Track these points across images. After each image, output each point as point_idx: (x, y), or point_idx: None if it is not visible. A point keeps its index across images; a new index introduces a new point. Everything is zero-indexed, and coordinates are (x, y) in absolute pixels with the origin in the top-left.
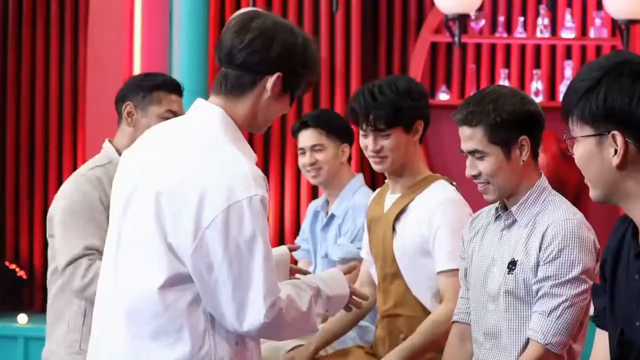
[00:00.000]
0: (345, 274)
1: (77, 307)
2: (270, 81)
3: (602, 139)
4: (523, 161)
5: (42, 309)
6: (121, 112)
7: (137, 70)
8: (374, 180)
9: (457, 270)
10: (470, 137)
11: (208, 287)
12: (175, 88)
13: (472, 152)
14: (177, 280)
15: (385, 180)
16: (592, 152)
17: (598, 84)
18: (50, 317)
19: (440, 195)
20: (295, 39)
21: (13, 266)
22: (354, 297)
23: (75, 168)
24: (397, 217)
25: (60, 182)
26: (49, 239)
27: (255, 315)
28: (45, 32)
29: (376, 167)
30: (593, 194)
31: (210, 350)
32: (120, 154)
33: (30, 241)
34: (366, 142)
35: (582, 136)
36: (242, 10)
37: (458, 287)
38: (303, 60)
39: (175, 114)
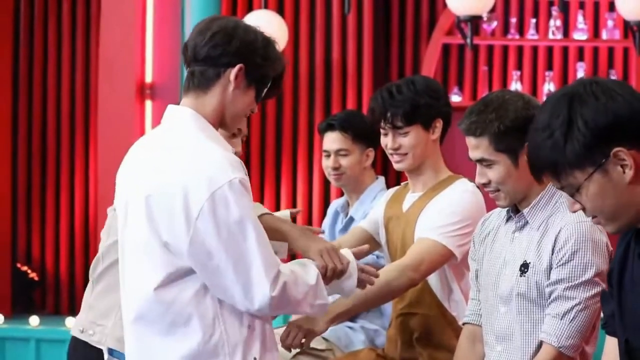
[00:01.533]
0: (356, 256)
1: None
2: (233, 72)
3: (606, 165)
4: None
5: (54, 311)
6: None
7: (148, 71)
8: (398, 184)
9: (444, 246)
10: (476, 147)
11: (212, 275)
12: None
13: (480, 161)
14: (178, 276)
15: (401, 183)
16: (603, 184)
17: (571, 120)
18: (98, 287)
19: (457, 188)
20: (255, 35)
21: (25, 268)
22: (363, 274)
23: (87, 170)
24: (419, 216)
25: (72, 184)
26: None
27: (261, 291)
28: (57, 33)
29: (396, 166)
30: (614, 227)
31: (222, 337)
32: None
33: (42, 243)
34: (386, 140)
35: (586, 179)
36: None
37: (428, 260)
38: (263, 53)
39: None
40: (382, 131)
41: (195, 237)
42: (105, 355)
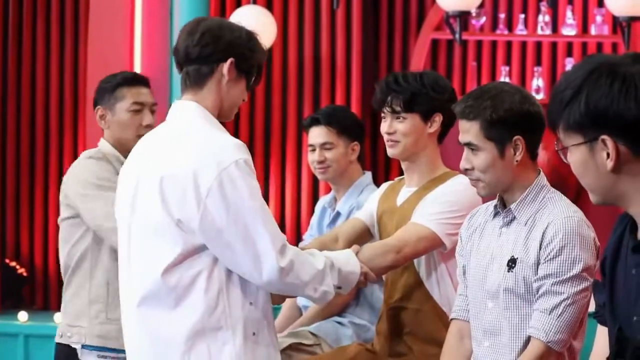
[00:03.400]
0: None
1: (98, 280)
2: (225, 67)
3: (593, 145)
4: (517, 161)
5: (43, 307)
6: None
7: (137, 67)
8: (387, 179)
9: (432, 232)
10: (467, 130)
11: (223, 250)
12: (136, 81)
13: (468, 145)
14: (191, 252)
15: (389, 178)
16: (586, 159)
17: (579, 91)
18: (67, 294)
19: (452, 181)
20: (239, 31)
21: (13, 264)
22: (363, 277)
23: None
24: (413, 210)
25: (60, 179)
26: (63, 223)
27: (270, 262)
28: (46, 31)
29: (389, 151)
30: (593, 198)
31: (225, 311)
32: (110, 153)
33: (30, 238)
34: (384, 126)
35: (573, 145)
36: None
37: (412, 244)
38: (249, 46)
39: (143, 104)
40: (382, 115)
41: (205, 215)
42: (79, 353)
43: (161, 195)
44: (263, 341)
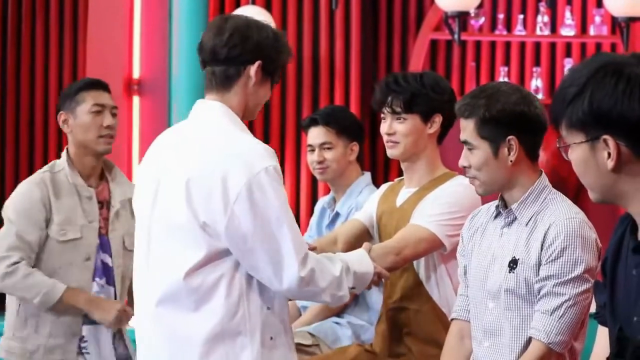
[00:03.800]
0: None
1: (13, 298)
2: (253, 69)
3: (594, 143)
4: (511, 161)
5: None
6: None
7: (136, 67)
8: (386, 179)
9: (432, 233)
10: (464, 128)
11: (246, 256)
12: (96, 85)
13: (465, 143)
14: (214, 256)
15: (389, 179)
16: (587, 157)
17: (583, 89)
18: None
19: (452, 182)
20: (266, 31)
21: None
22: (376, 277)
23: None
24: (413, 211)
25: None
26: None
27: (291, 272)
28: (45, 32)
29: (388, 152)
30: (593, 196)
31: (245, 316)
32: (72, 161)
33: None
34: (384, 126)
35: (574, 143)
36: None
37: (412, 245)
38: (276, 47)
39: (103, 106)
40: (381, 116)
41: (232, 220)
42: None
43: (187, 197)
44: (280, 346)
